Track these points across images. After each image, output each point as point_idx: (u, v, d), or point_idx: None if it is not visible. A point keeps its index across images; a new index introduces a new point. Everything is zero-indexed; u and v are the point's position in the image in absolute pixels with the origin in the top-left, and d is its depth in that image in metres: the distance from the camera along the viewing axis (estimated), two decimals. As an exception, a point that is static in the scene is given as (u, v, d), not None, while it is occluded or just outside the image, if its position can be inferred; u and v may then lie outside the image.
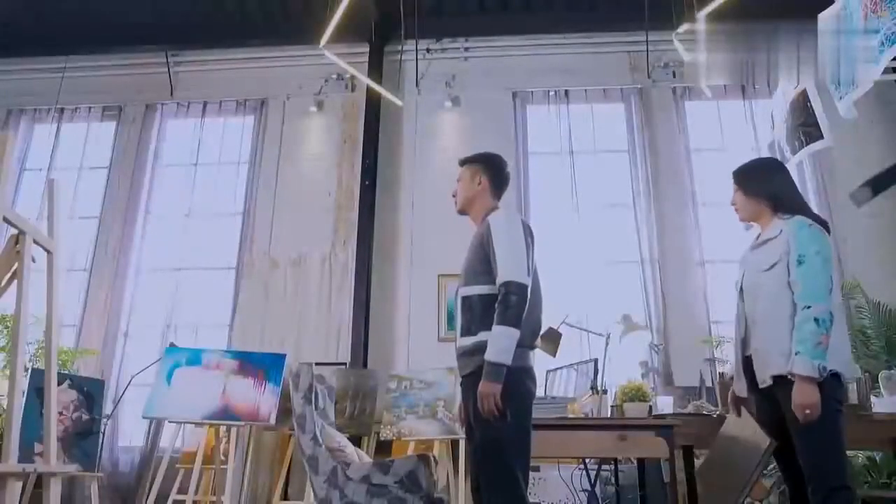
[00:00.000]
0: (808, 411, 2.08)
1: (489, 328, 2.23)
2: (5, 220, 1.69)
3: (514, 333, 2.20)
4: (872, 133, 6.12)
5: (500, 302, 2.23)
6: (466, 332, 2.34)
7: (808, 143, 3.87)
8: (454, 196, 2.64)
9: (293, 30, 6.79)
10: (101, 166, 6.87)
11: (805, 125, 3.85)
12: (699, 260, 6.07)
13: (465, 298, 2.38)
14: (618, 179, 6.43)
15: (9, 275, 1.74)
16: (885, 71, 3.49)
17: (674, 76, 6.59)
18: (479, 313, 2.31)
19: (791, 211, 2.35)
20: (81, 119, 7.06)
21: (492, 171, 2.61)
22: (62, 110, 7.01)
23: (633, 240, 6.14)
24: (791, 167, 4.56)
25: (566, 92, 6.70)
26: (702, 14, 5.16)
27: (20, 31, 6.95)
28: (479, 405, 2.17)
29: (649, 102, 6.64)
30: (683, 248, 6.12)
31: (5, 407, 4.55)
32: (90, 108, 7.06)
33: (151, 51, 7.02)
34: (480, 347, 2.24)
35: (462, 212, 2.63)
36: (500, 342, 2.19)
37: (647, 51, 6.50)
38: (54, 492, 2.02)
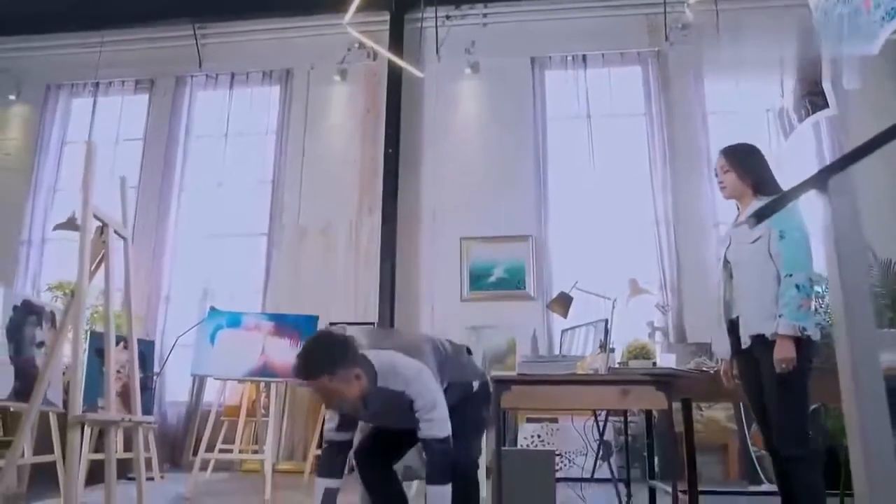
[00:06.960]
0: (784, 365, 2.32)
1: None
2: (94, 216, 1.99)
3: (447, 491, 2.17)
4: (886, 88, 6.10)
5: (427, 462, 2.19)
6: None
7: (813, 112, 4.00)
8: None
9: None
10: (137, 138, 7.18)
11: (812, 94, 3.97)
12: (713, 221, 6.22)
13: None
14: (635, 142, 6.57)
15: (97, 260, 2.05)
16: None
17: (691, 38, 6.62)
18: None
19: (769, 192, 2.55)
20: (116, 93, 7.34)
21: (360, 363, 2.21)
22: (97, 84, 7.29)
23: (649, 202, 6.31)
24: (806, 127, 4.66)
25: (584, 57, 6.78)
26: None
27: (55, 8, 7.20)
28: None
29: (666, 65, 6.70)
30: (698, 209, 6.27)
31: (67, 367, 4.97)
32: (123, 81, 7.33)
33: (179, 24, 7.22)
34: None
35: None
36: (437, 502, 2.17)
37: (665, 13, 6.55)
38: (140, 438, 2.38)
